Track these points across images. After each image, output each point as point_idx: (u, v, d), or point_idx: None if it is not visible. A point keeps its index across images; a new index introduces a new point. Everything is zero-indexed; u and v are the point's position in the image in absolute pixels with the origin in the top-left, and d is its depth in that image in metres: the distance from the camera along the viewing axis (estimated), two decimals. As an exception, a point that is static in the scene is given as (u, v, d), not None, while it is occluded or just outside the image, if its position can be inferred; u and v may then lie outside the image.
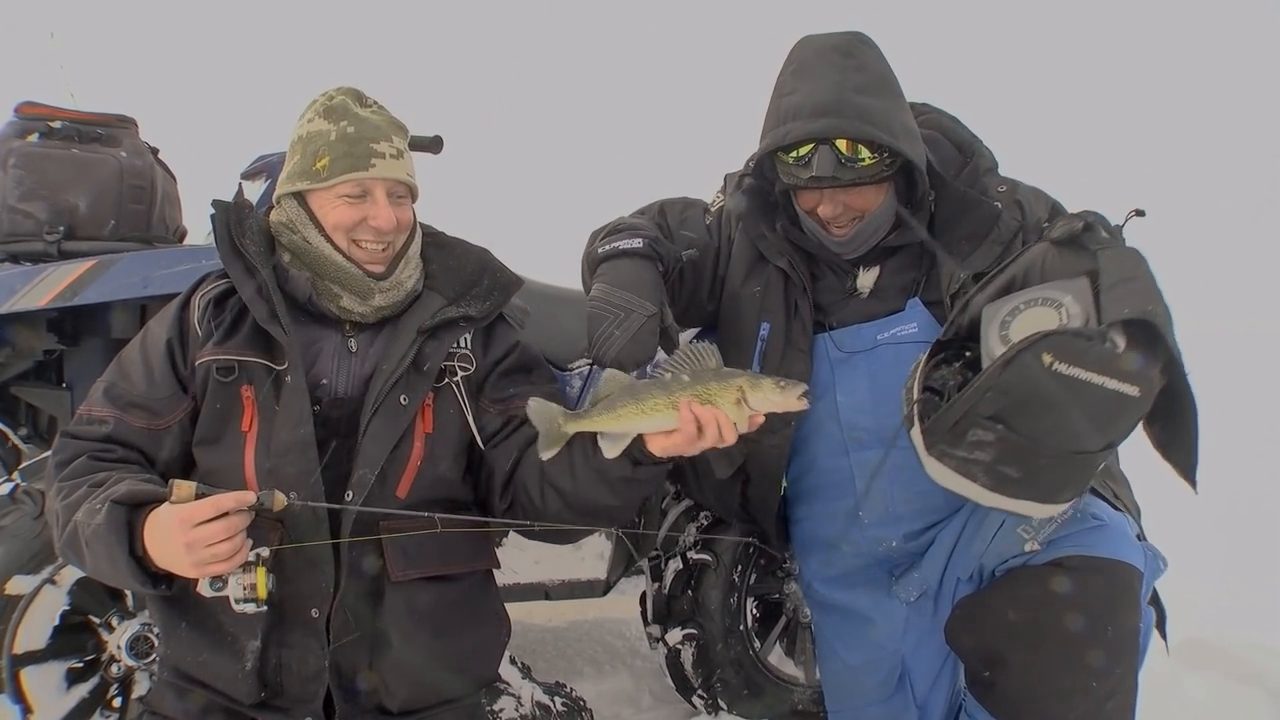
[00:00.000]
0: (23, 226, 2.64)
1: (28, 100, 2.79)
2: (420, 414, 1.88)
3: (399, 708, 1.83)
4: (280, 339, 1.81)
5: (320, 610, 1.76)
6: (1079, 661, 1.82)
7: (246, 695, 1.76)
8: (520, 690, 2.01)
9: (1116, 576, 1.86)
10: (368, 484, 1.79)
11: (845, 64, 2.07)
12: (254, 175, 2.99)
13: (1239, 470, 5.54)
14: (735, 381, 1.65)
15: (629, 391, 1.66)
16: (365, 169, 1.85)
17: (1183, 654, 3.38)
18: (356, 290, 1.89)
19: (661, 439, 1.69)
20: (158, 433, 1.84)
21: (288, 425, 1.78)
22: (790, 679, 3.07)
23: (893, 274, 2.25)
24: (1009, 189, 2.21)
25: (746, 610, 3.00)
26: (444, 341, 1.93)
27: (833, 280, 2.30)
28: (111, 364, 1.93)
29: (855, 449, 2.27)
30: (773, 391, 1.65)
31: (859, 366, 2.23)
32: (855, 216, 2.15)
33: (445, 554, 1.90)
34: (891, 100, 2.08)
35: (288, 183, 1.91)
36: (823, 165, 2.04)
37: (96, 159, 2.74)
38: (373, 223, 1.86)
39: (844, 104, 2.01)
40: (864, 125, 2.00)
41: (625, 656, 3.69)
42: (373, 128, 1.88)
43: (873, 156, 2.05)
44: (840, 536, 2.38)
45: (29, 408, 2.85)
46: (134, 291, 2.53)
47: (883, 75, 2.11)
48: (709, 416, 1.63)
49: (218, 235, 1.90)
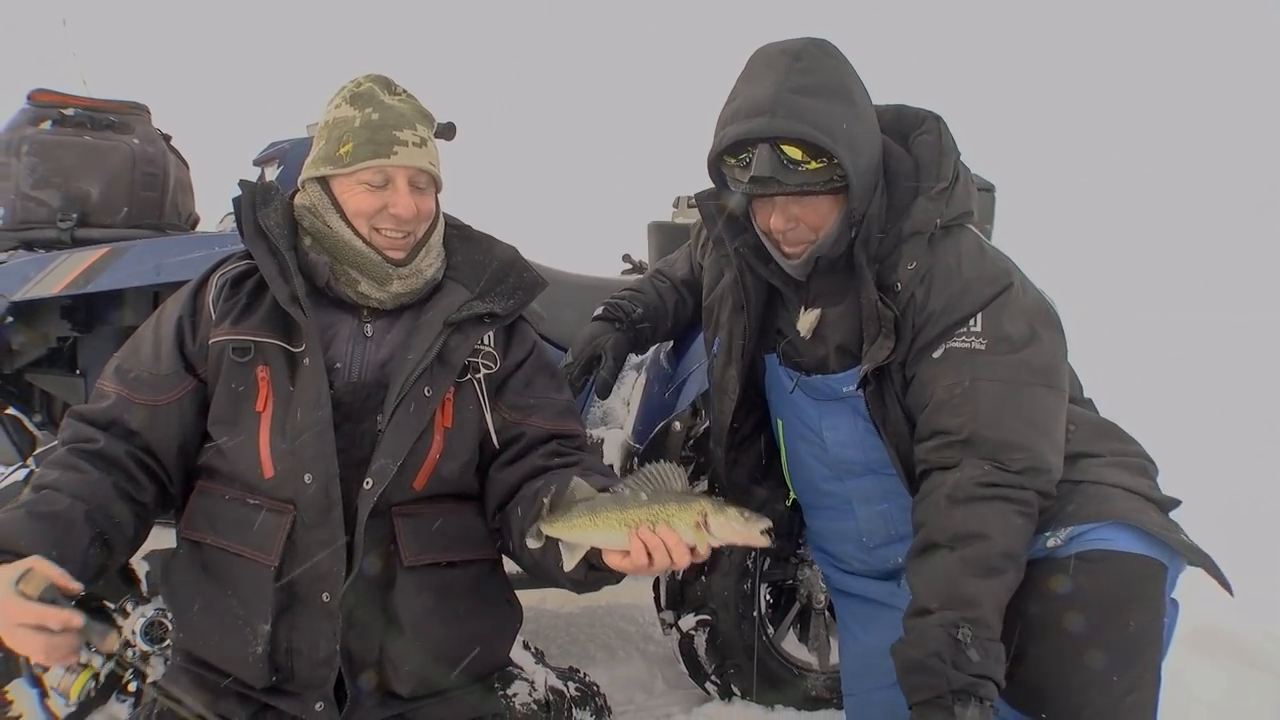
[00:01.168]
0: (36, 214, 2.66)
1: (41, 88, 2.79)
2: (440, 408, 1.88)
3: (410, 692, 1.83)
4: (300, 321, 1.81)
5: (331, 594, 1.76)
6: (1099, 656, 1.81)
7: (257, 679, 1.77)
8: (534, 675, 2.01)
9: (1138, 571, 1.85)
10: (389, 474, 1.78)
11: (791, 66, 1.96)
12: (267, 161, 3.00)
13: (1239, 470, 5.53)
14: (697, 505, 1.59)
15: (587, 506, 1.62)
16: (387, 156, 1.84)
17: (1194, 642, 3.38)
18: (375, 276, 1.88)
19: (616, 556, 1.63)
20: (156, 409, 1.84)
21: (305, 407, 1.78)
22: (804, 665, 3.07)
23: (833, 326, 2.16)
24: (917, 270, 2.00)
25: (760, 596, 2.99)
26: (469, 336, 1.92)
27: (784, 314, 2.26)
28: (127, 341, 1.95)
29: (849, 477, 2.29)
30: (736, 520, 1.59)
31: (838, 411, 2.23)
32: (809, 238, 2.05)
33: (455, 540, 1.91)
34: (838, 104, 1.95)
35: (312, 167, 1.91)
36: (760, 165, 1.94)
37: (109, 146, 2.75)
38: (393, 211, 1.85)
39: (778, 103, 1.91)
40: (795, 123, 1.89)
41: (638, 642, 3.69)
42: (397, 115, 1.87)
43: (818, 162, 1.94)
44: (849, 555, 2.41)
45: (43, 394, 2.85)
46: (147, 278, 2.54)
47: (833, 80, 1.98)
48: (656, 543, 1.58)
49: (241, 215, 1.90)
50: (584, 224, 2.34)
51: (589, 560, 1.67)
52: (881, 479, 2.23)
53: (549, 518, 1.65)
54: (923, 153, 2.11)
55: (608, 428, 3.08)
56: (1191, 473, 2.68)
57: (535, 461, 1.92)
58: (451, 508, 1.93)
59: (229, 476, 1.85)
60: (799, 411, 2.30)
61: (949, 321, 1.98)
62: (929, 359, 1.98)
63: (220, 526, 1.83)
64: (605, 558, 1.64)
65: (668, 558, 1.58)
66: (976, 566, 1.80)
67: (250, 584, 1.78)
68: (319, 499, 1.75)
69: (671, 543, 1.57)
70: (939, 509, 1.88)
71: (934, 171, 2.08)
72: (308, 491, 1.75)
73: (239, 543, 1.80)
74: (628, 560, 1.61)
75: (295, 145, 2.86)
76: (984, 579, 1.79)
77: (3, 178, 2.68)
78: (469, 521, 1.96)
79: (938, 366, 1.97)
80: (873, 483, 2.24)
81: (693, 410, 2.94)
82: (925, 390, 1.98)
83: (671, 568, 1.60)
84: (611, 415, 3.12)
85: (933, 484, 1.92)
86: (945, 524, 1.86)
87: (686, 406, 2.89)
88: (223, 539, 1.81)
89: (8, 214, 2.66)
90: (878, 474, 2.22)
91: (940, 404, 1.94)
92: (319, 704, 1.78)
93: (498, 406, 1.96)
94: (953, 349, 1.96)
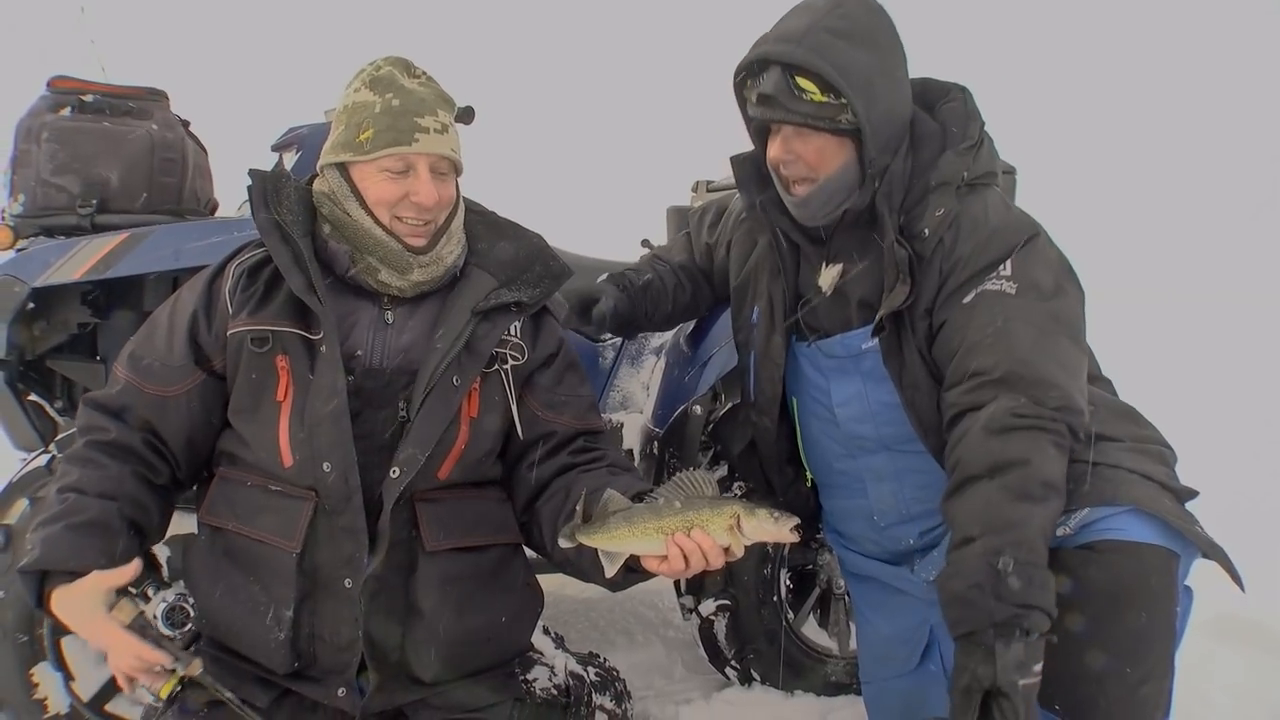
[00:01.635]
0: (56, 200, 2.66)
1: (60, 74, 2.80)
2: (467, 398, 1.88)
3: (433, 676, 1.83)
4: (316, 308, 1.80)
5: (354, 580, 1.76)
6: (1111, 647, 1.79)
7: (280, 664, 1.78)
8: (554, 660, 2.01)
9: (1149, 562, 1.82)
10: (417, 464, 1.78)
11: (832, 9, 2.01)
12: (285, 147, 2.99)
13: (1239, 470, 5.50)
14: (730, 509, 1.67)
15: (624, 516, 1.69)
16: (408, 144, 1.81)
17: (1216, 630, 3.35)
18: (395, 265, 1.87)
19: (653, 561, 1.70)
20: (164, 400, 1.85)
21: (321, 396, 1.78)
22: (824, 650, 3.07)
23: (855, 282, 2.17)
24: (945, 216, 2.02)
25: (780, 581, 2.99)
26: (496, 325, 1.91)
27: (807, 272, 2.27)
28: (144, 324, 1.96)
29: (861, 454, 2.27)
30: (767, 520, 1.67)
31: (850, 373, 2.22)
32: (807, 175, 2.08)
33: (476, 524, 1.92)
34: (863, 53, 1.99)
35: (331, 153, 1.89)
36: (767, 83, 2.00)
37: (128, 132, 2.75)
38: (414, 199, 1.83)
39: (807, 35, 1.96)
40: (815, 58, 1.94)
41: (658, 627, 3.70)
42: (418, 101, 1.84)
43: (823, 95, 1.97)
44: (861, 535, 2.40)
45: (64, 380, 2.87)
46: (166, 264, 2.55)
47: (866, 30, 2.02)
48: (692, 548, 1.65)
49: (253, 204, 1.89)
50: (603, 208, 2.33)
51: (626, 564, 1.73)
52: (894, 456, 2.22)
53: (586, 529, 1.71)
54: (949, 117, 2.14)
55: (627, 412, 3.07)
56: (1201, 459, 2.66)
57: (564, 459, 1.95)
58: (472, 493, 1.94)
59: (250, 464, 1.85)
60: (811, 386, 2.30)
61: (979, 265, 1.98)
62: (960, 305, 1.98)
63: (242, 513, 1.83)
64: (644, 562, 1.71)
65: (703, 560, 1.66)
66: (1017, 492, 1.77)
67: (272, 570, 1.78)
68: (339, 486, 1.75)
69: (707, 546, 1.65)
70: (974, 442, 1.86)
71: (960, 133, 2.11)
72: (327, 480, 1.75)
73: (261, 529, 1.80)
74: (665, 564, 1.68)
75: (313, 130, 2.86)
76: (1025, 504, 1.76)
77: (23, 164, 2.68)
78: (489, 506, 1.97)
79: (970, 311, 1.97)
80: (885, 460, 2.23)
81: (713, 394, 2.92)
82: (957, 335, 1.97)
83: (707, 569, 1.68)
84: (631, 400, 3.11)
85: (966, 424, 1.90)
86: (982, 455, 1.83)
87: (707, 390, 2.88)
88: (244, 525, 1.82)
89: (28, 200, 2.67)
90: (890, 450, 2.21)
91: (973, 345, 1.93)
92: (341, 689, 1.79)
93: (526, 400, 1.96)
94: (985, 292, 1.96)
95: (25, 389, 2.80)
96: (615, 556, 1.72)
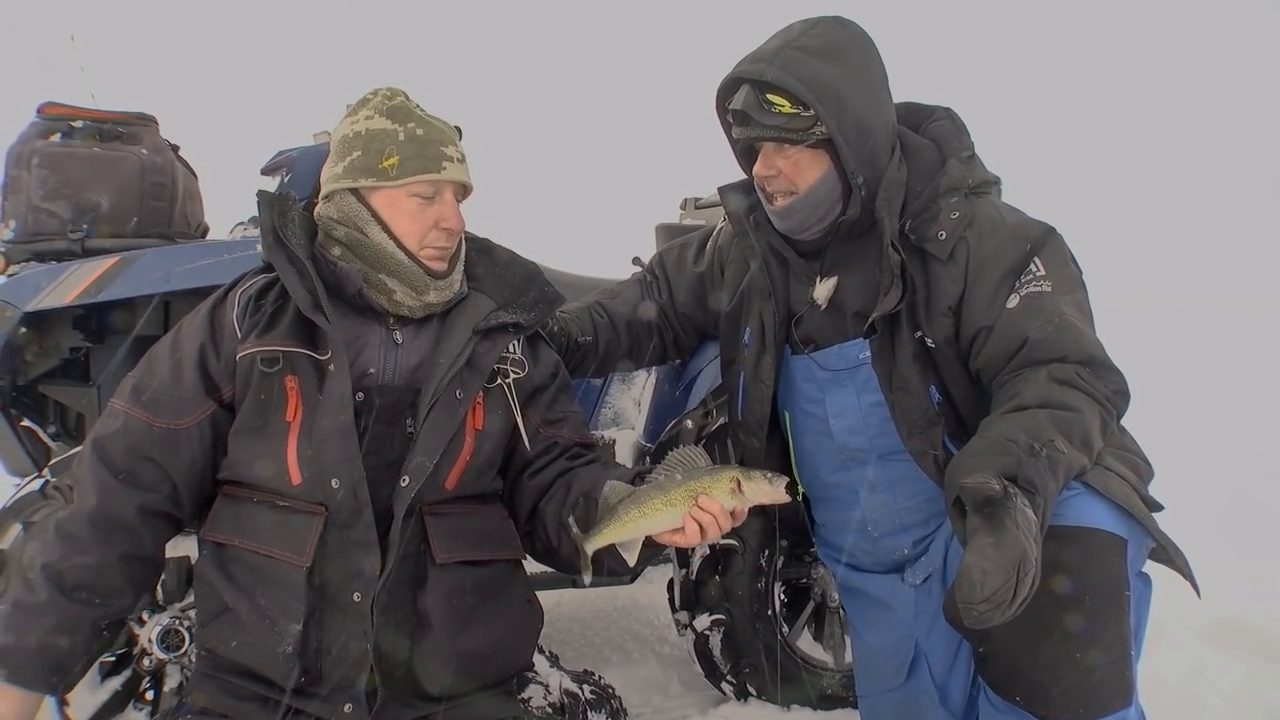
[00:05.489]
0: (47, 225, 2.67)
1: (50, 101, 2.81)
2: (471, 411, 1.93)
3: (440, 691, 1.83)
4: (324, 327, 1.82)
5: (363, 594, 1.77)
6: (1059, 631, 1.78)
7: (284, 677, 1.76)
8: (549, 679, 2.02)
9: (1092, 543, 1.82)
10: (425, 471, 1.82)
11: (805, 30, 2.10)
12: (274, 170, 3.00)
13: (1239, 471, 5.52)
14: (728, 473, 1.77)
15: (632, 500, 1.76)
16: (438, 171, 1.91)
17: (1213, 635, 3.37)
18: (413, 285, 1.92)
19: (668, 535, 1.78)
20: (176, 434, 1.85)
21: (329, 413, 1.80)
22: (819, 664, 3.06)
23: (851, 294, 2.22)
24: (961, 218, 2.08)
25: (774, 595, 2.99)
26: (496, 344, 1.97)
27: (798, 288, 2.31)
28: (142, 360, 1.95)
29: (854, 465, 2.30)
30: (762, 481, 1.77)
31: (846, 385, 2.25)
32: (788, 189, 2.15)
33: (482, 537, 1.94)
34: (833, 66, 2.05)
35: (345, 178, 1.92)
36: (738, 100, 2.09)
37: (118, 157, 2.76)
38: (444, 225, 1.92)
39: (778, 55, 2.04)
40: (782, 74, 2.01)
41: (653, 644, 3.70)
42: (439, 131, 1.94)
43: (792, 108, 2.05)
44: (855, 546, 2.41)
45: (57, 405, 2.87)
46: (157, 286, 2.55)
47: (836, 46, 2.09)
48: (704, 515, 1.74)
49: (262, 225, 1.91)
50: (591, 225, 2.34)
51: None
52: (887, 465, 2.23)
53: (598, 530, 1.78)
54: (938, 135, 2.22)
55: (619, 428, 3.08)
56: (1201, 460, 2.68)
57: (562, 464, 2.03)
58: (477, 508, 1.97)
59: (256, 482, 1.85)
60: (805, 399, 2.32)
61: (1010, 262, 2.04)
62: (1006, 311, 2.01)
63: (248, 528, 1.83)
64: (657, 538, 1.79)
65: (716, 525, 1.75)
66: (1062, 427, 1.79)
67: (282, 584, 1.78)
68: (348, 501, 1.77)
69: (716, 510, 1.75)
70: (1036, 380, 1.89)
71: (955, 145, 2.19)
72: (336, 496, 1.77)
73: (269, 544, 1.80)
74: (680, 535, 1.77)
75: (303, 154, 2.87)
76: (1064, 440, 1.78)
77: (14, 191, 2.69)
78: (493, 521, 2.00)
79: (1023, 315, 2.00)
80: (878, 471, 2.25)
81: (703, 408, 2.94)
82: (1015, 338, 1.99)
83: (719, 534, 1.77)
84: (623, 416, 3.12)
85: (1031, 372, 1.93)
86: (1040, 391, 1.86)
87: (698, 404, 2.89)
88: (251, 541, 1.82)
89: (19, 226, 2.68)
90: (883, 460, 2.23)
91: (1038, 342, 1.96)
92: (348, 705, 1.78)
93: (528, 416, 2.03)
94: (1029, 295, 2.01)
95: (18, 414, 2.81)
96: (632, 544, 1.80)
